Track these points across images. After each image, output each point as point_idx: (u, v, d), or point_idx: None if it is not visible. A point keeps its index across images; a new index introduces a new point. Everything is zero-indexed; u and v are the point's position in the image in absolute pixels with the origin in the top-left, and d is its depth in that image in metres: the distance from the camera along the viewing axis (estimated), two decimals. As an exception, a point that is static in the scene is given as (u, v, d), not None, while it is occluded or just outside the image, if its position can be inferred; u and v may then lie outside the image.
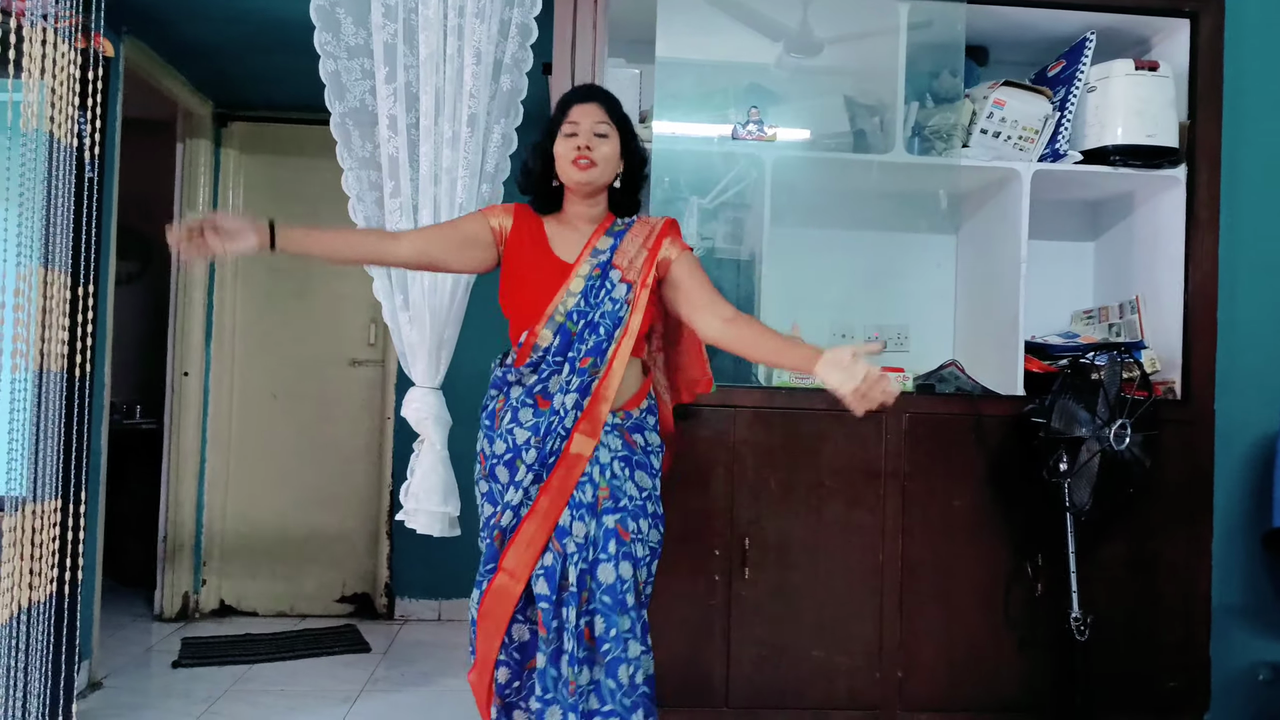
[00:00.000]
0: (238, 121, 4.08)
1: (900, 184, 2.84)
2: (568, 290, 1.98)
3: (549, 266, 2.02)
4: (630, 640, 1.91)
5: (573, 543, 1.91)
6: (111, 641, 3.48)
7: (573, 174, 1.99)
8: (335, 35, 2.46)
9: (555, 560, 1.91)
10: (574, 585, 1.90)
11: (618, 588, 1.91)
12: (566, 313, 1.98)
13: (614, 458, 1.98)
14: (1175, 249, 2.69)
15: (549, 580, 1.91)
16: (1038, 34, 2.82)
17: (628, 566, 1.93)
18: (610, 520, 1.94)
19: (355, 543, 4.09)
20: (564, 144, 2.00)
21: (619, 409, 2.01)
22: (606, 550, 1.92)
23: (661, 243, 2.04)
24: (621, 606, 1.91)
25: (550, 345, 1.98)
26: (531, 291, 2.01)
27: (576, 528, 1.92)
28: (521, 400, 2.00)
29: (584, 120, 2.00)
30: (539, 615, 1.92)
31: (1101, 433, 2.38)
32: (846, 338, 2.99)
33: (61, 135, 2.35)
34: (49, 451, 2.29)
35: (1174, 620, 2.60)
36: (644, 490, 2.01)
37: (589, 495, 1.94)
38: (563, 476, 1.94)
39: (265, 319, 4.12)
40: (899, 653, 2.53)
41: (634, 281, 1.99)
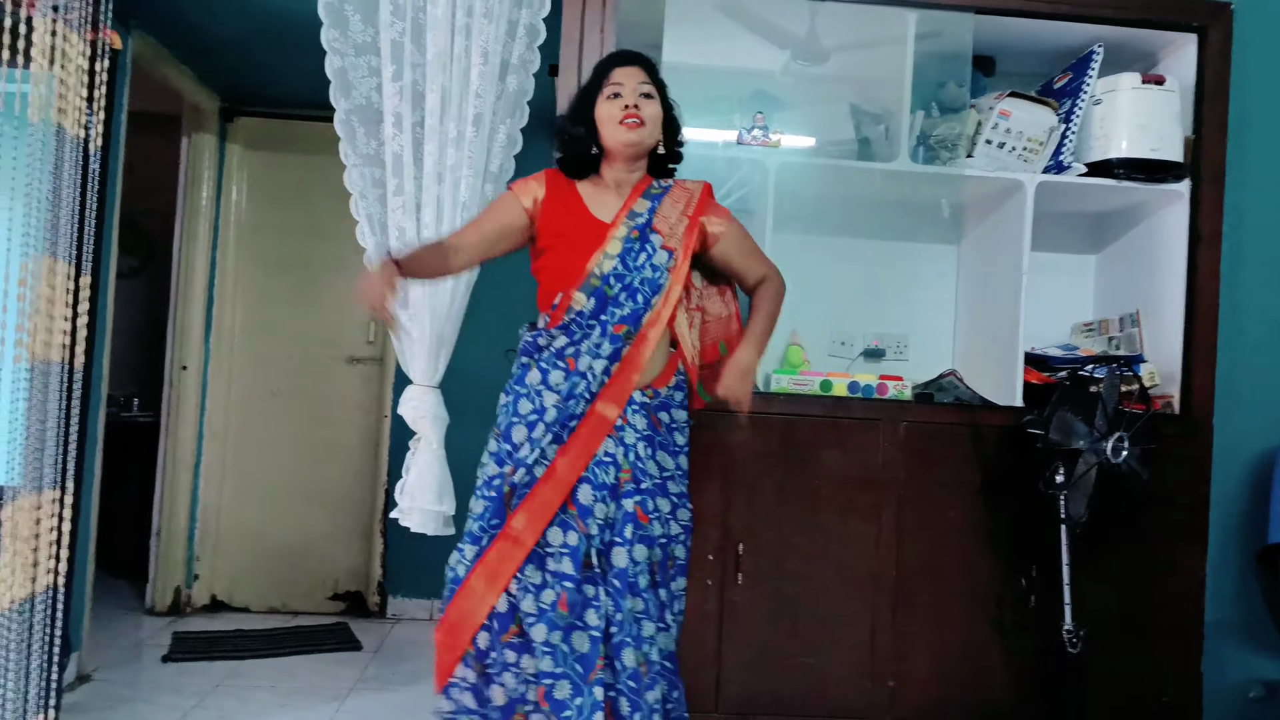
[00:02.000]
0: (243, 117, 4.09)
1: (904, 193, 2.84)
2: (604, 253, 1.98)
3: (586, 226, 2.01)
4: (644, 620, 1.91)
5: (595, 524, 1.91)
6: (102, 634, 3.47)
7: (621, 134, 1.98)
8: (343, 32, 2.47)
9: (580, 540, 1.90)
10: (596, 566, 1.90)
11: (628, 571, 1.91)
12: (603, 276, 1.97)
13: (639, 438, 1.97)
14: (1177, 263, 2.69)
15: (574, 559, 1.89)
16: (1045, 46, 2.82)
17: (642, 549, 1.93)
18: (629, 503, 1.93)
19: (349, 540, 4.08)
20: (609, 106, 1.99)
21: (647, 386, 2.00)
22: (622, 534, 1.92)
23: (703, 210, 2.07)
24: (632, 589, 1.90)
25: (585, 309, 1.97)
26: (567, 252, 2.00)
27: (599, 509, 1.91)
28: (552, 363, 1.97)
29: (628, 81, 2.00)
30: (563, 595, 1.89)
31: (1099, 445, 2.37)
32: (846, 345, 2.99)
33: (68, 126, 2.35)
34: (46, 442, 2.29)
35: (1167, 635, 2.59)
36: (665, 470, 2.01)
37: (611, 476, 1.93)
38: (584, 440, 1.92)
39: (264, 315, 4.12)
40: (891, 662, 2.53)
41: (675, 249, 2.01)
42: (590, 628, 1.89)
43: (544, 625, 1.89)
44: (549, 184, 2.07)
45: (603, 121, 2.00)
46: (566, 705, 1.86)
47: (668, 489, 2.00)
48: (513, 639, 1.92)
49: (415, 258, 1.99)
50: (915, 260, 3.06)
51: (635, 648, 1.89)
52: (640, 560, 1.92)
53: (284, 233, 4.11)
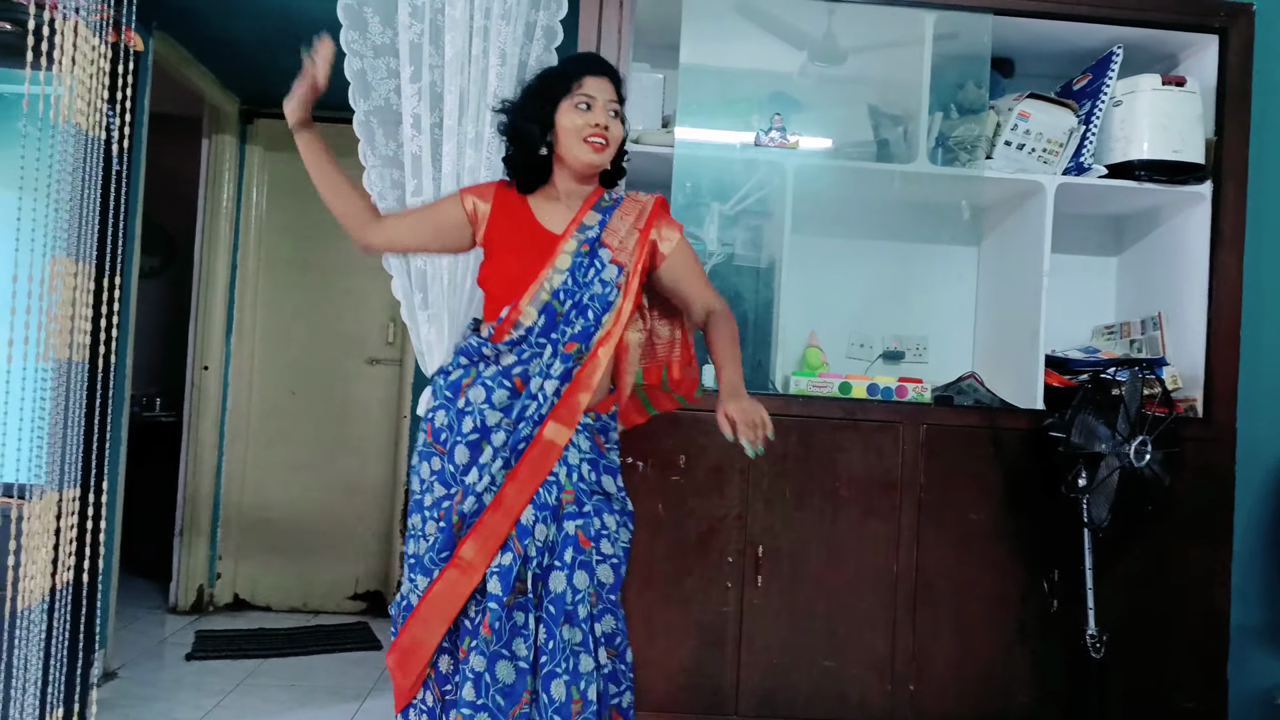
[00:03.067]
0: (263, 118, 4.11)
1: (923, 194, 2.83)
2: (554, 267, 1.87)
3: (536, 239, 1.91)
4: (581, 654, 1.81)
5: (534, 545, 1.81)
6: (126, 633, 3.51)
7: (584, 154, 1.87)
8: (362, 34, 2.48)
9: (514, 561, 1.80)
10: (529, 590, 1.81)
11: (566, 597, 1.81)
12: (553, 291, 1.87)
13: (583, 459, 1.88)
14: (1199, 266, 2.67)
15: (503, 580, 1.78)
16: (1064, 47, 2.81)
17: (583, 576, 1.83)
18: (571, 526, 1.84)
19: (369, 540, 4.11)
20: (575, 116, 1.87)
21: (591, 409, 1.91)
22: (562, 558, 1.82)
23: (653, 225, 1.94)
24: (570, 618, 1.80)
25: (534, 325, 1.87)
26: (516, 264, 1.89)
27: (539, 530, 1.82)
28: (498, 381, 1.86)
29: (600, 95, 1.88)
30: (486, 616, 1.78)
31: (1121, 449, 2.36)
32: (865, 347, 2.98)
33: (90, 128, 2.37)
34: (70, 441, 2.31)
35: (1192, 640, 2.57)
36: (609, 492, 1.92)
37: (553, 497, 1.84)
38: (532, 464, 1.82)
39: (285, 316, 4.14)
40: (911, 665, 2.52)
41: (625, 264, 1.90)
42: (518, 658, 1.79)
43: (474, 652, 1.79)
44: (496, 197, 1.97)
45: (565, 131, 1.88)
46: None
47: (612, 506, 1.92)
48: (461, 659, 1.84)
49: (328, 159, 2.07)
50: (935, 262, 3.05)
51: (569, 680, 1.78)
52: (580, 588, 1.82)
53: (304, 234, 4.14)
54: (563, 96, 1.89)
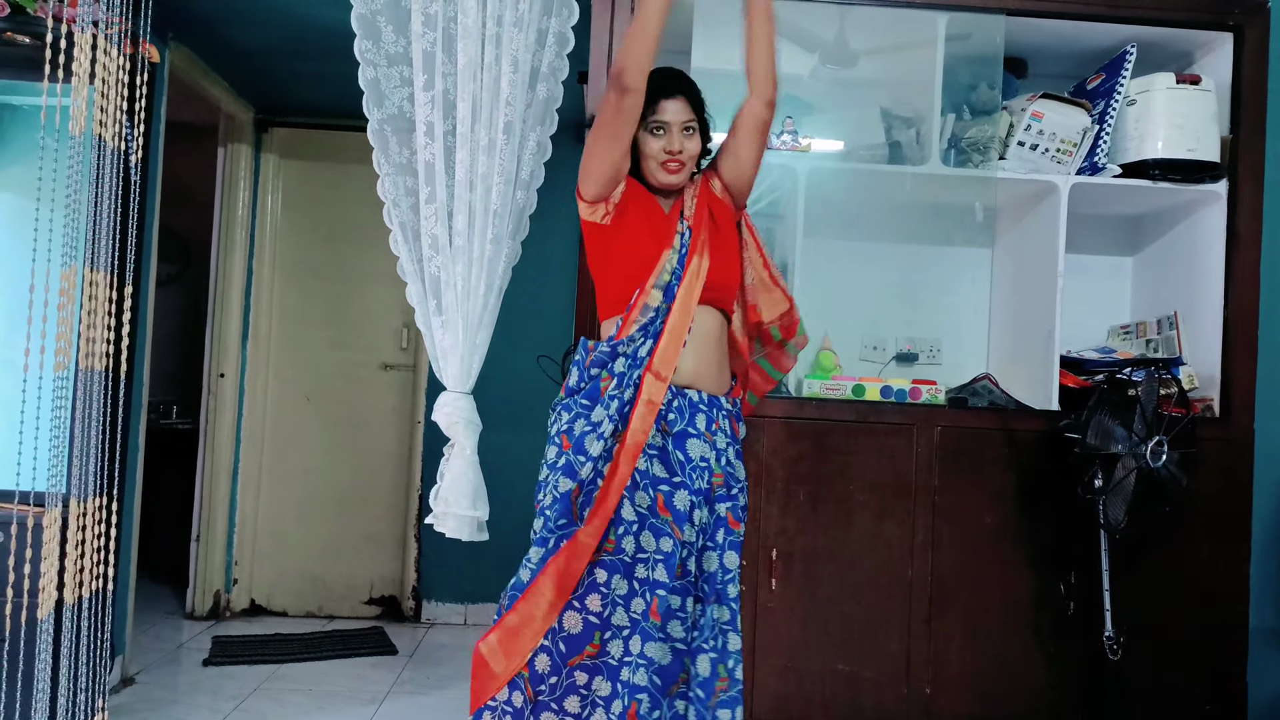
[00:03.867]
0: (278, 127, 4.14)
1: (936, 196, 2.82)
2: (672, 248, 1.97)
3: (658, 218, 2.00)
4: (730, 632, 1.89)
5: (692, 531, 1.88)
6: (144, 638, 3.53)
7: (661, 176, 1.98)
8: (375, 43, 2.49)
9: (675, 547, 1.86)
10: (690, 574, 1.87)
11: (718, 577, 1.89)
12: (672, 271, 1.96)
13: (729, 443, 1.97)
14: (1215, 265, 2.65)
15: (667, 566, 1.85)
16: (1077, 47, 2.80)
17: (733, 556, 1.91)
18: (722, 508, 1.92)
19: (384, 546, 4.12)
20: (651, 141, 1.97)
21: (727, 395, 2.00)
22: (715, 539, 1.90)
23: (706, 183, 2.06)
24: (720, 596, 1.88)
25: (660, 305, 1.95)
26: (648, 240, 1.97)
27: (696, 515, 1.89)
28: (629, 368, 1.92)
29: (673, 119, 1.97)
30: (654, 603, 1.82)
31: (1138, 450, 2.34)
32: (878, 349, 2.98)
33: (108, 138, 2.40)
34: (88, 449, 2.33)
35: (1210, 642, 2.55)
36: (741, 481, 1.99)
37: (705, 481, 1.91)
38: (636, 426, 1.86)
39: (300, 323, 4.17)
40: (926, 668, 2.51)
41: (692, 226, 1.99)
42: (674, 640, 1.85)
43: (639, 636, 1.83)
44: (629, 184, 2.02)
45: (644, 156, 1.99)
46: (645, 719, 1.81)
47: (740, 500, 1.98)
48: (585, 660, 1.86)
49: None
50: (948, 264, 3.04)
51: (716, 659, 1.85)
52: (731, 568, 1.90)
53: (319, 241, 4.16)
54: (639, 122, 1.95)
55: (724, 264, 2.01)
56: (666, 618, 1.85)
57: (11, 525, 2.23)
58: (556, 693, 1.85)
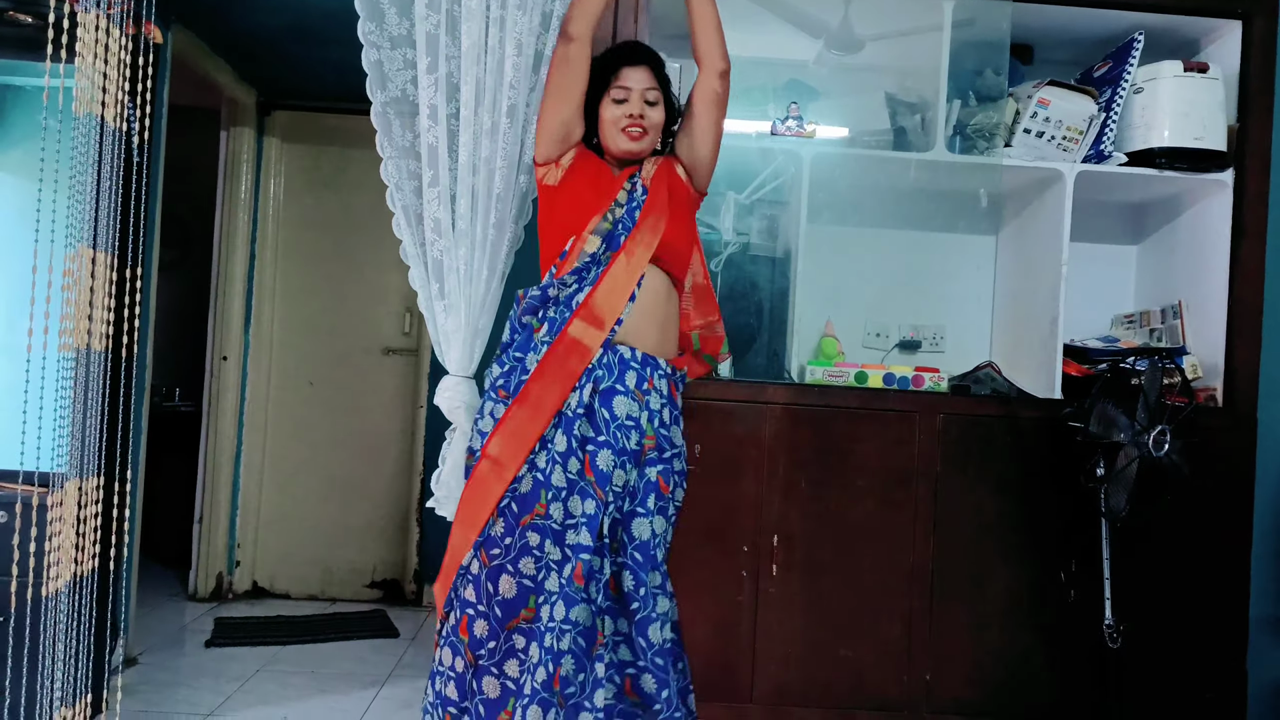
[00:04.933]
0: (281, 110, 4.13)
1: (940, 183, 2.81)
2: (615, 200, 2.00)
3: (604, 177, 2.04)
4: (659, 595, 1.88)
5: (611, 491, 1.87)
6: (147, 620, 3.55)
7: (623, 143, 2.00)
8: (379, 25, 2.48)
9: (597, 508, 1.85)
10: (606, 536, 1.86)
11: (650, 544, 1.88)
12: (615, 221, 1.99)
13: (664, 405, 1.95)
14: (1221, 254, 2.65)
15: (590, 528, 1.85)
16: (1084, 33, 2.78)
17: (661, 521, 1.90)
18: (653, 472, 1.91)
19: (386, 529, 4.13)
20: (613, 109, 2.00)
21: (669, 360, 2.00)
22: (645, 505, 1.89)
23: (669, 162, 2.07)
24: (653, 563, 1.88)
25: (596, 251, 1.97)
26: (590, 194, 2.01)
27: (617, 475, 1.88)
28: (560, 313, 1.95)
29: (635, 85, 1.99)
30: (579, 566, 1.83)
31: (1140, 438, 2.34)
32: (881, 337, 2.98)
33: (111, 120, 2.39)
34: (92, 430, 2.34)
35: (1211, 631, 2.56)
36: (676, 446, 1.98)
37: (633, 442, 1.89)
38: (557, 359, 1.89)
39: (303, 306, 4.17)
40: (928, 655, 2.52)
41: (647, 184, 2.01)
42: (592, 601, 1.85)
43: (562, 602, 1.84)
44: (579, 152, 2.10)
45: (605, 123, 2.01)
46: (570, 681, 1.82)
47: (674, 466, 1.96)
48: (522, 624, 1.87)
49: None
50: (952, 251, 3.03)
51: (659, 624, 1.86)
52: (658, 532, 1.89)
53: (321, 225, 4.16)
54: (603, 90, 2.00)
55: (679, 232, 2.02)
56: (587, 580, 1.85)
57: (15, 505, 2.24)
58: (495, 657, 1.88)
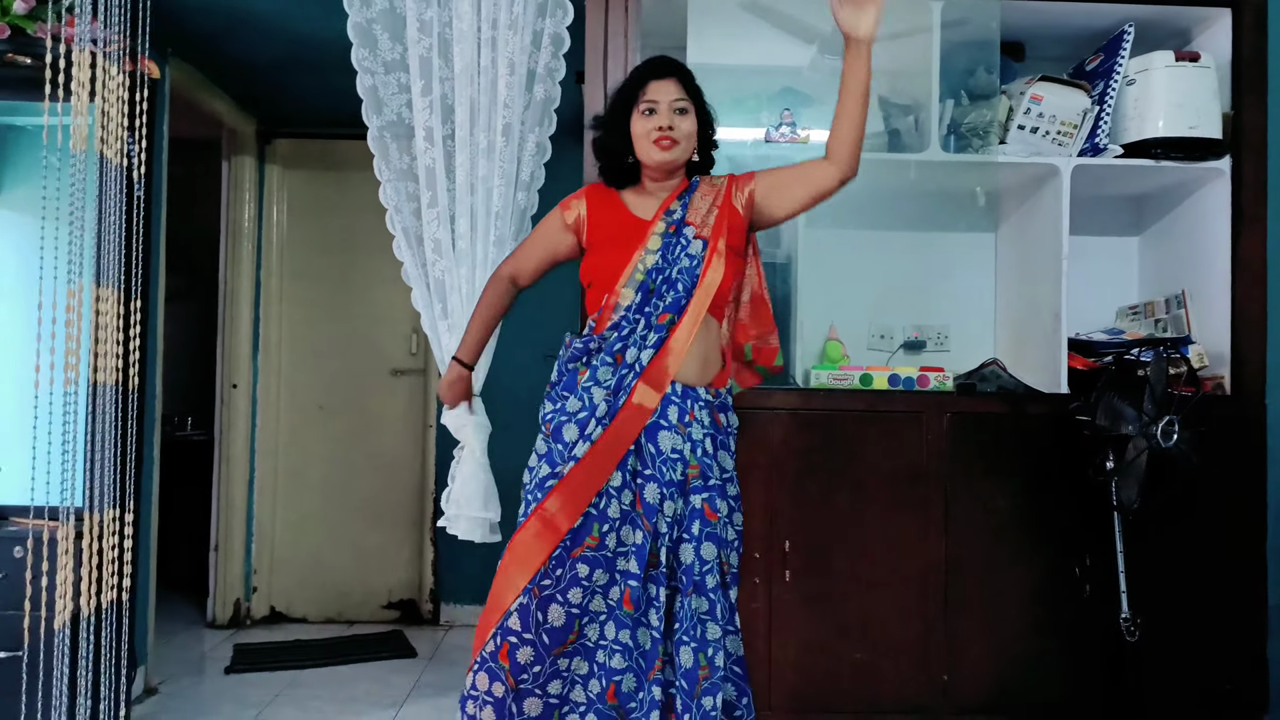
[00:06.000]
0: (280, 138, 4.16)
1: (937, 183, 2.82)
2: (646, 248, 2.00)
3: (629, 227, 2.04)
4: (709, 621, 1.90)
5: (663, 521, 1.91)
6: (165, 648, 3.56)
7: (654, 154, 2.00)
8: (372, 51, 2.51)
9: (645, 539, 1.89)
10: (663, 565, 1.90)
11: (695, 568, 1.90)
12: (647, 270, 1.99)
13: (706, 434, 1.97)
14: (1222, 242, 2.64)
15: (638, 558, 1.89)
16: (1075, 28, 2.79)
17: (710, 548, 1.92)
18: (697, 500, 1.93)
19: (400, 550, 4.14)
20: (642, 122, 2.00)
21: (709, 385, 2.01)
22: (690, 530, 1.92)
23: (730, 194, 2.05)
24: (698, 587, 1.90)
25: (632, 303, 1.99)
26: (613, 251, 2.02)
27: (667, 506, 1.91)
28: (603, 360, 1.98)
29: (663, 98, 1.99)
30: (627, 592, 1.88)
31: (1149, 430, 2.33)
32: (885, 338, 2.98)
33: (111, 155, 2.42)
34: (104, 463, 2.36)
35: (1229, 621, 2.54)
36: (725, 472, 2.00)
37: (679, 473, 1.92)
38: (621, 425, 1.92)
39: (309, 331, 4.19)
40: (944, 655, 2.51)
41: (707, 238, 2.00)
42: (652, 627, 1.89)
43: (613, 623, 1.90)
44: (589, 198, 2.11)
45: (637, 138, 2.01)
46: (632, 698, 1.88)
47: (726, 491, 1.99)
48: (568, 648, 1.91)
49: (478, 337, 2.23)
50: (952, 250, 3.03)
51: (697, 648, 1.87)
52: (709, 559, 1.91)
53: (324, 249, 4.18)
54: (632, 106, 2.02)
55: (730, 278, 2.03)
56: (642, 606, 1.89)
57: (28, 540, 2.26)
58: (540, 680, 1.91)
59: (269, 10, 2.93)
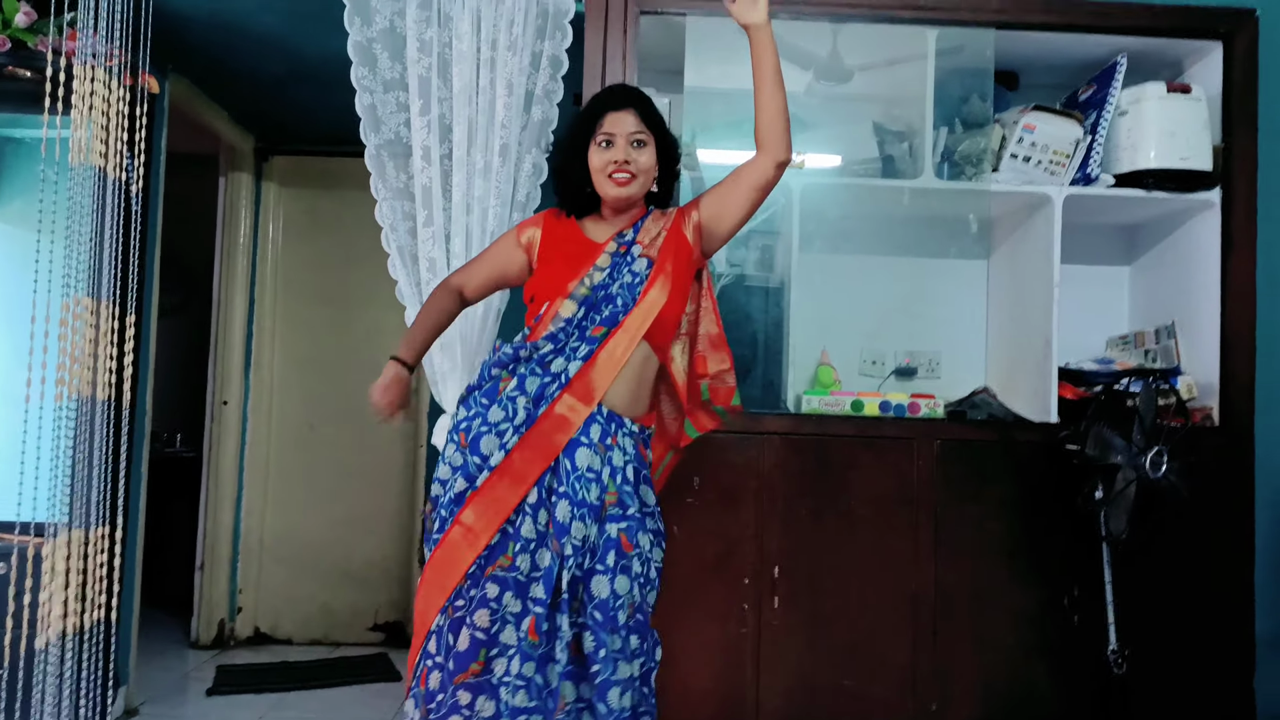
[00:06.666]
0: (278, 155, 4.18)
1: (930, 209, 2.83)
2: (595, 265, 1.96)
3: (581, 246, 2.00)
4: (620, 661, 1.81)
5: (570, 544, 1.81)
6: (148, 668, 3.52)
7: (610, 189, 1.95)
8: (372, 70, 2.52)
9: (553, 560, 1.81)
10: (565, 592, 1.80)
11: (609, 603, 1.81)
12: (593, 286, 1.95)
13: (628, 463, 1.90)
14: (1212, 273, 2.66)
15: (545, 583, 1.80)
16: (1068, 58, 2.82)
17: (624, 581, 1.83)
18: (614, 529, 1.84)
19: (388, 571, 4.12)
20: (599, 155, 1.95)
21: (637, 419, 1.95)
22: (605, 561, 1.82)
23: (679, 220, 2.01)
24: (612, 624, 1.80)
25: (572, 315, 1.94)
26: (562, 267, 1.98)
27: (576, 528, 1.81)
28: (530, 369, 1.92)
29: (620, 130, 1.95)
30: (532, 620, 1.79)
31: (1137, 460, 2.34)
32: (877, 364, 2.98)
33: (109, 169, 2.42)
34: (92, 478, 2.34)
35: (1217, 653, 2.53)
36: (648, 506, 1.92)
37: (594, 495, 1.84)
38: (542, 435, 1.85)
39: (302, 348, 4.18)
40: (932, 683, 2.49)
41: (653, 258, 1.97)
42: (556, 661, 1.79)
43: (519, 657, 1.79)
44: (546, 224, 2.06)
45: (594, 170, 1.96)
46: None
47: (647, 525, 1.90)
48: (470, 678, 1.80)
49: (423, 339, 2.09)
50: (944, 277, 3.04)
51: (620, 689, 1.79)
52: (622, 593, 1.82)
53: (319, 267, 4.19)
54: (589, 137, 1.97)
55: (675, 307, 1.99)
56: (549, 640, 1.80)
57: (13, 555, 2.24)
58: (441, 712, 1.81)
59: (270, 27, 2.95)
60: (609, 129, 1.95)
